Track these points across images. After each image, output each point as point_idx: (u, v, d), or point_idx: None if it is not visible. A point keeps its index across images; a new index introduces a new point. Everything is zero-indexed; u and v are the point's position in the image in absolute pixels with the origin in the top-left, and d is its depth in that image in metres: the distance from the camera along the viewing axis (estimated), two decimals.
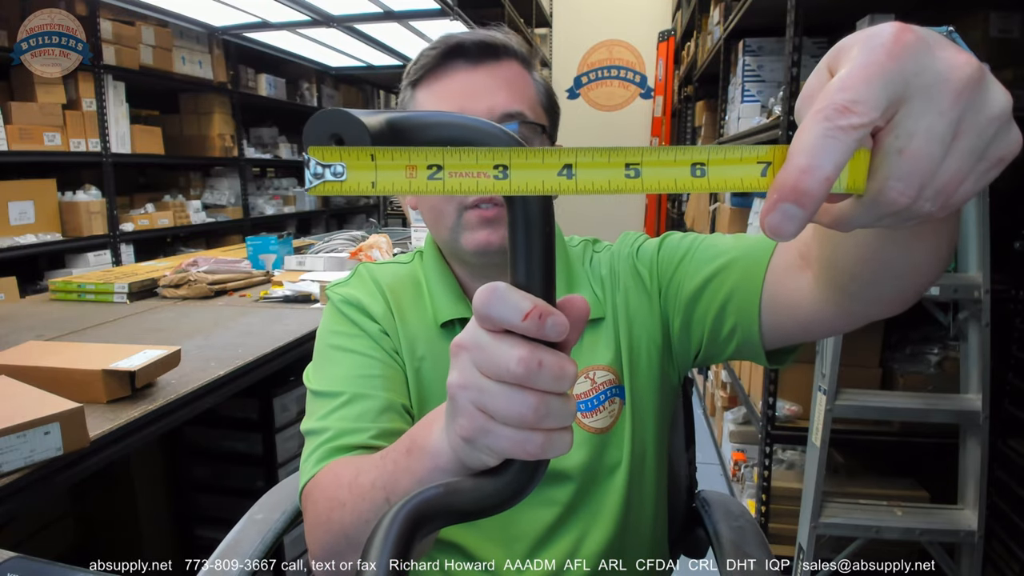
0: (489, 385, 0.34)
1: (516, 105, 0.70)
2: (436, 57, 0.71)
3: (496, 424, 0.35)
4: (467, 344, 0.35)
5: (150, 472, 1.81)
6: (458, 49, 0.71)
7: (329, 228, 5.89)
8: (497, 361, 0.34)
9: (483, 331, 0.35)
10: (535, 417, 0.34)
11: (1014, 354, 1.81)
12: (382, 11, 3.42)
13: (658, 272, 0.77)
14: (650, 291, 0.77)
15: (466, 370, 0.35)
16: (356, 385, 0.69)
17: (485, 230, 0.69)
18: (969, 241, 1.61)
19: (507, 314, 0.33)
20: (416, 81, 0.73)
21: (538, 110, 0.74)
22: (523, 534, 0.75)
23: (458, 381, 0.36)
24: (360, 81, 6.26)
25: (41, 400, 0.97)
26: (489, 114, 0.68)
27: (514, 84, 0.72)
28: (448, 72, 0.71)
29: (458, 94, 0.70)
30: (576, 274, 0.80)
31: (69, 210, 3.41)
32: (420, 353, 0.75)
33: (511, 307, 0.33)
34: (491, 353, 0.34)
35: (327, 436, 0.64)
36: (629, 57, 6.32)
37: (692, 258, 0.73)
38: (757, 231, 2.27)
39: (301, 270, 2.49)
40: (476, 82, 0.70)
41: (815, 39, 2.29)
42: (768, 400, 1.95)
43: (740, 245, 0.69)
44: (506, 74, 0.72)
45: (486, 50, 0.71)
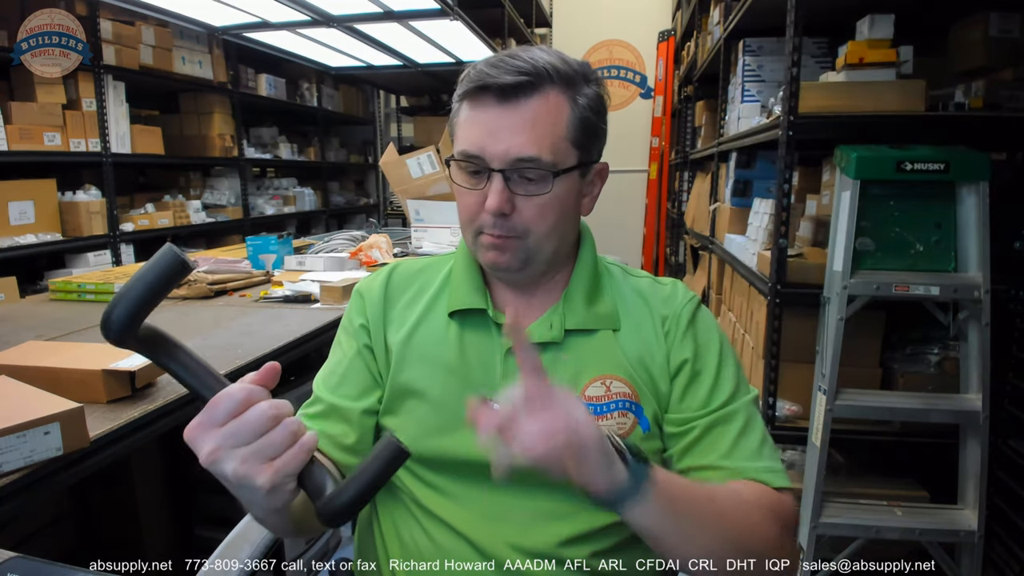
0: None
1: (530, 150, 0.73)
2: (471, 91, 0.76)
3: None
4: (215, 436, 0.56)
5: (150, 472, 1.81)
6: (489, 87, 0.74)
7: (329, 228, 5.89)
8: (239, 429, 0.55)
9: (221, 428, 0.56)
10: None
11: (1014, 354, 1.81)
12: (382, 11, 3.42)
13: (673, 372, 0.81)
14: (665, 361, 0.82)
15: (222, 443, 0.55)
16: (323, 387, 0.86)
17: (493, 252, 0.78)
18: (969, 241, 1.61)
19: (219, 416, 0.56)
20: (462, 97, 0.78)
21: (561, 148, 0.75)
22: (517, 514, 0.77)
23: (210, 448, 0.56)
24: (360, 81, 6.26)
25: (41, 400, 0.97)
26: (505, 156, 0.73)
27: (538, 125, 0.74)
28: (480, 104, 0.76)
29: (481, 130, 0.75)
30: (603, 289, 0.85)
31: (69, 210, 3.41)
32: (411, 332, 0.84)
33: (228, 405, 0.56)
34: (234, 429, 0.55)
35: None
36: (629, 57, 6.32)
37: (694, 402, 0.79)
38: (757, 230, 2.27)
39: (301, 270, 2.49)
40: (500, 123, 0.74)
41: (815, 39, 2.29)
42: (768, 400, 1.95)
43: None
44: (534, 113, 0.74)
45: (518, 88, 0.73)
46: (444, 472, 0.80)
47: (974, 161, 1.59)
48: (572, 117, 0.76)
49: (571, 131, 0.76)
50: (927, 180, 1.60)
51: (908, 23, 1.80)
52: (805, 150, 2.12)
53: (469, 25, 3.68)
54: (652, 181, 5.86)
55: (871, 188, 1.64)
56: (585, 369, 0.79)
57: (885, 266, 1.66)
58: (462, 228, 0.82)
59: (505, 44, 4.65)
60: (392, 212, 5.63)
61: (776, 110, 2.07)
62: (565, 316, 0.81)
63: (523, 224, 0.76)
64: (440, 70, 4.86)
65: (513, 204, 0.75)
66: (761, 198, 2.38)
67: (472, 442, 0.68)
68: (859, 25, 1.81)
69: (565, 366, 0.80)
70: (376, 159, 6.82)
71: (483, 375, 0.80)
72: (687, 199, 4.62)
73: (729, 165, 2.96)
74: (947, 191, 1.63)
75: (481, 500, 0.78)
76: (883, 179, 1.63)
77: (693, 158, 4.42)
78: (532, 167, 0.74)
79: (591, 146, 0.79)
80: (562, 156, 0.76)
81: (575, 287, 0.83)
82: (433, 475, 0.80)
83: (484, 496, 0.78)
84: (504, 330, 0.70)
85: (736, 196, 2.81)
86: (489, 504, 0.78)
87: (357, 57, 4.60)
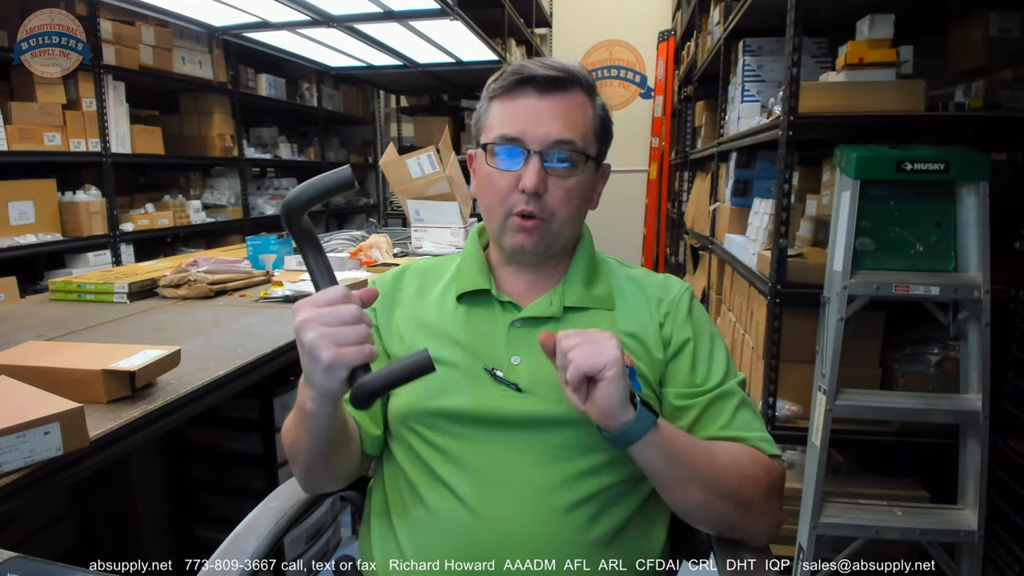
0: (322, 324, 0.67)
1: (568, 134, 0.83)
2: (513, 83, 0.84)
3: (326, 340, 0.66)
4: (312, 311, 0.67)
5: (150, 472, 1.81)
6: (531, 79, 0.84)
7: (329, 228, 5.89)
8: (329, 314, 0.67)
9: (319, 308, 0.67)
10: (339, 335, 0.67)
11: (1014, 354, 1.81)
12: (382, 11, 3.42)
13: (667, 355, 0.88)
14: (661, 349, 0.89)
15: (313, 318, 0.67)
16: None
17: (522, 235, 0.85)
18: (969, 241, 1.61)
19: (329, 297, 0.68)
20: (493, 96, 0.87)
21: (588, 138, 0.86)
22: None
23: (304, 317, 0.67)
24: (360, 81, 6.26)
25: (41, 400, 0.97)
26: (545, 138, 0.82)
27: (572, 115, 0.84)
28: (519, 96, 0.84)
29: (522, 117, 0.84)
30: (599, 275, 0.93)
31: (69, 210, 3.41)
32: (420, 314, 0.91)
33: (331, 296, 0.68)
34: (326, 312, 0.67)
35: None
36: (629, 57, 6.32)
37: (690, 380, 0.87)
38: (757, 230, 2.27)
39: (301, 270, 2.48)
40: (541, 110, 0.83)
41: (815, 39, 2.28)
42: (768, 400, 1.96)
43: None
44: (567, 105, 0.84)
45: (555, 83, 0.84)
46: (449, 431, 0.83)
47: (974, 161, 1.59)
48: (593, 115, 0.87)
49: (594, 126, 0.87)
50: (927, 180, 1.60)
51: (908, 23, 1.80)
52: (805, 150, 2.12)
53: (469, 25, 3.68)
54: (652, 181, 5.86)
55: (871, 188, 1.64)
56: None
57: (885, 266, 1.66)
58: (489, 213, 0.88)
59: (505, 44, 4.65)
60: (392, 212, 5.63)
61: (776, 110, 2.07)
62: (564, 295, 0.89)
63: (551, 206, 0.84)
64: (440, 70, 4.86)
65: (546, 185, 0.83)
66: (761, 198, 2.38)
67: (481, 397, 0.83)
68: (859, 25, 1.81)
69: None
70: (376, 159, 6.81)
71: (488, 347, 0.86)
72: (687, 199, 4.62)
73: (729, 165, 2.97)
74: (947, 191, 1.63)
75: (484, 459, 0.81)
76: (883, 179, 1.63)
77: (693, 158, 4.42)
78: (568, 149, 0.83)
79: (605, 145, 0.90)
80: (589, 146, 0.86)
81: (574, 272, 0.91)
82: (437, 435, 0.84)
83: (487, 454, 0.82)
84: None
85: (736, 196, 2.81)
86: (491, 464, 0.81)
87: (357, 57, 4.60)
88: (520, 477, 0.80)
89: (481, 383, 0.84)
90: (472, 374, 0.85)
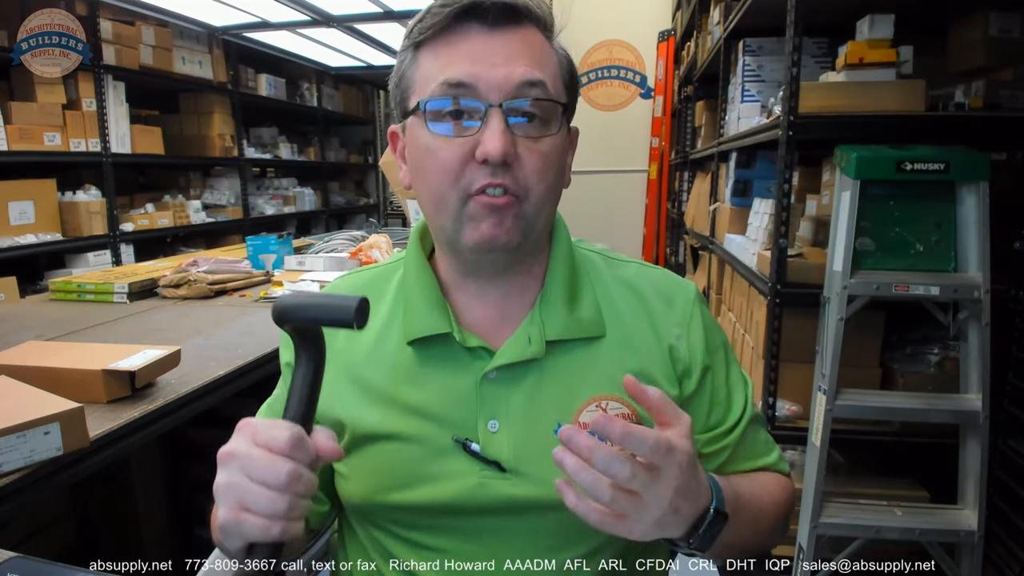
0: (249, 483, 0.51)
1: (537, 73, 0.62)
2: (448, 16, 0.62)
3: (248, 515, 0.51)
4: (243, 447, 0.52)
5: (150, 472, 1.81)
6: (474, 8, 0.62)
7: (329, 228, 5.89)
8: (256, 464, 0.51)
9: (252, 449, 0.52)
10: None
11: (1014, 354, 1.81)
12: (382, 11, 3.42)
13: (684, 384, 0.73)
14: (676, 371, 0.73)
15: (239, 456, 0.52)
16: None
17: (490, 220, 0.62)
18: (969, 241, 1.61)
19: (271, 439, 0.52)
20: (420, 43, 0.65)
21: (559, 85, 0.66)
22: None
23: (230, 449, 0.53)
24: (360, 81, 6.26)
25: (41, 400, 0.97)
26: (506, 82, 0.61)
27: (536, 52, 0.64)
28: (460, 34, 0.63)
29: (471, 59, 0.62)
30: (581, 287, 0.73)
31: (69, 210, 3.41)
32: (360, 367, 0.71)
33: (274, 439, 0.52)
34: (255, 459, 0.52)
35: None
36: (629, 57, 6.32)
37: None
38: (757, 230, 2.27)
39: (301, 270, 2.49)
40: (493, 47, 0.62)
41: (815, 39, 2.28)
42: (768, 400, 1.95)
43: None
44: (527, 40, 0.64)
45: (506, 12, 0.63)
46: (418, 525, 0.69)
47: (974, 161, 1.59)
48: (560, 59, 0.68)
49: (563, 72, 0.67)
50: (927, 180, 1.60)
51: (908, 23, 1.80)
52: (805, 150, 2.12)
53: None
54: (652, 181, 5.86)
55: (871, 188, 1.64)
56: (577, 391, 0.69)
57: (885, 266, 1.66)
58: (435, 203, 0.65)
59: None
60: (392, 212, 5.64)
61: (776, 110, 2.07)
62: (544, 325, 0.68)
63: (524, 179, 0.62)
64: None
65: (515, 150, 0.62)
66: (761, 198, 2.38)
67: (452, 485, 0.66)
68: (859, 25, 1.80)
69: (553, 388, 0.69)
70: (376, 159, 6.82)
71: (454, 409, 0.67)
72: (687, 199, 4.61)
73: (729, 165, 2.96)
74: (947, 191, 1.63)
75: (465, 552, 0.68)
76: (883, 179, 1.62)
77: (693, 158, 4.42)
78: (539, 94, 0.62)
79: (573, 100, 0.69)
80: (560, 94, 0.66)
81: (552, 285, 0.70)
82: (405, 530, 0.70)
83: (470, 547, 0.68)
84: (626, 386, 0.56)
85: (736, 196, 2.81)
86: (475, 557, 0.68)
87: (357, 57, 4.61)
88: (512, 572, 0.67)
89: (450, 460, 0.66)
90: (437, 448, 0.66)
